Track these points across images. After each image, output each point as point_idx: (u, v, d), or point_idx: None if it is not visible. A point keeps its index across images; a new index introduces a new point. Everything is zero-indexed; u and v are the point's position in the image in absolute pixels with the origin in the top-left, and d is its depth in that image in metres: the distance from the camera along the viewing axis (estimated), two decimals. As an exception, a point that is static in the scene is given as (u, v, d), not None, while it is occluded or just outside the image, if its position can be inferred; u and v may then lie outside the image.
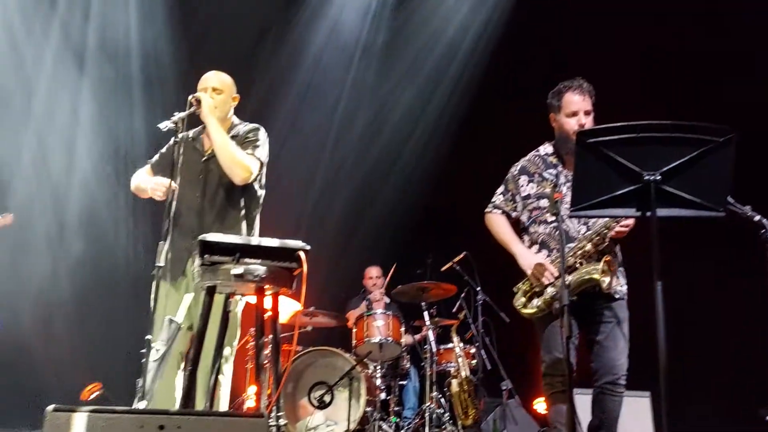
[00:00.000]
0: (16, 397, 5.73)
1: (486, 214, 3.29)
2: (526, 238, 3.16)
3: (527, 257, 3.05)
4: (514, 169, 3.23)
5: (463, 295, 5.07)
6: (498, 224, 3.22)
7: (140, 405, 2.42)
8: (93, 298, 6.04)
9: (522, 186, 3.16)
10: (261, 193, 3.26)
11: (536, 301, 2.99)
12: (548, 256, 3.02)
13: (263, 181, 3.26)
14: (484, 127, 6.34)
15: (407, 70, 6.63)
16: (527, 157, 3.23)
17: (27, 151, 5.99)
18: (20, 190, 5.96)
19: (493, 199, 3.29)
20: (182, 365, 3.03)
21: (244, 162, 3.04)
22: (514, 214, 3.20)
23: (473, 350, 5.12)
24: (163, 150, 3.25)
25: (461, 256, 5.04)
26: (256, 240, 2.46)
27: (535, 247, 3.09)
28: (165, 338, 2.66)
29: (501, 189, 3.27)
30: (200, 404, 2.70)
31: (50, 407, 1.59)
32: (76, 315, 6.00)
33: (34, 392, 5.75)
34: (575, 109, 3.00)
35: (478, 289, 4.93)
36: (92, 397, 5.87)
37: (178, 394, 3.01)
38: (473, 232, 5.91)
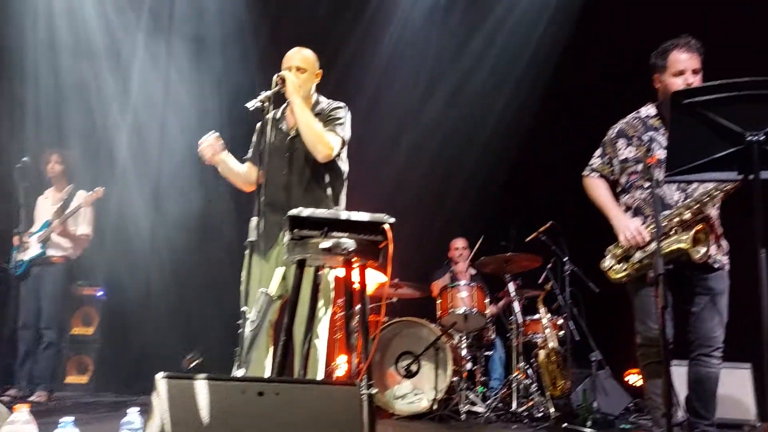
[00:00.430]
0: (122, 365, 6.16)
1: (583, 177, 3.23)
2: (622, 202, 3.09)
3: (621, 220, 2.99)
4: (612, 132, 3.14)
5: (549, 265, 4.98)
6: (595, 188, 3.16)
7: (238, 372, 2.53)
8: (190, 272, 6.36)
9: (620, 149, 3.08)
10: (345, 170, 3.32)
11: (623, 265, 2.96)
12: (643, 222, 2.94)
13: (345, 157, 3.31)
14: (569, 94, 6.14)
15: (490, 35, 6.48)
16: (626, 119, 3.12)
17: (124, 124, 6.31)
18: (120, 163, 6.32)
19: (590, 162, 3.22)
20: (271, 334, 3.17)
21: (327, 139, 3.09)
22: (611, 178, 3.14)
23: (560, 321, 5.04)
24: (254, 140, 3.35)
25: (547, 225, 4.94)
26: (343, 214, 2.50)
27: (630, 213, 3.02)
28: (258, 309, 2.76)
29: (598, 152, 3.20)
30: (294, 372, 2.81)
31: (159, 374, 1.70)
32: (175, 287, 6.34)
33: (138, 360, 6.18)
34: (682, 68, 2.86)
35: (566, 259, 4.82)
36: (192, 365, 6.24)
37: (268, 361, 3.16)
38: (559, 201, 5.83)
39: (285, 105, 3.27)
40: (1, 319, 4.55)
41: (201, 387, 1.66)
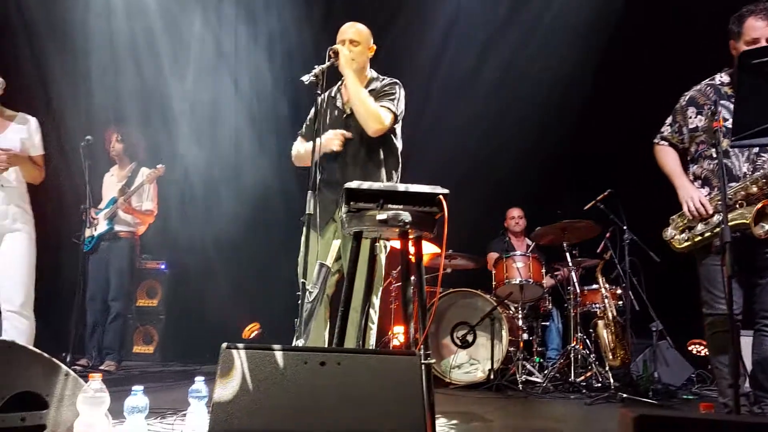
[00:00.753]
0: (186, 335, 6.39)
1: (654, 145, 3.20)
2: (691, 172, 3.05)
3: (686, 189, 2.96)
4: (683, 100, 3.08)
5: (607, 234, 4.87)
6: (664, 156, 3.13)
7: (298, 343, 2.59)
8: (250, 245, 6.52)
9: (690, 118, 3.03)
10: (399, 146, 3.32)
11: (686, 235, 2.94)
12: (709, 193, 2.90)
13: (399, 134, 3.30)
14: (627, 60, 5.92)
15: (545, 2, 6.29)
16: (698, 87, 3.05)
17: (183, 101, 6.45)
18: (180, 139, 6.48)
19: (661, 130, 3.17)
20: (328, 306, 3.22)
21: (378, 113, 3.09)
22: (681, 146, 3.10)
23: (620, 291, 4.94)
24: (310, 115, 3.37)
25: (605, 194, 4.82)
26: (399, 186, 2.50)
27: (698, 183, 2.98)
28: (316, 282, 2.80)
29: (669, 120, 3.15)
30: (350, 342, 2.86)
31: (224, 345, 1.75)
32: (235, 260, 6.52)
33: (200, 330, 6.39)
34: (756, 36, 2.74)
35: (625, 227, 4.71)
36: (252, 335, 6.42)
37: (326, 331, 3.22)
38: (617, 169, 5.67)
39: (340, 82, 3.28)
40: (70, 292, 4.75)
41: (265, 357, 1.71)
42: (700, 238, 2.86)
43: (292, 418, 1.65)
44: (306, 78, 2.90)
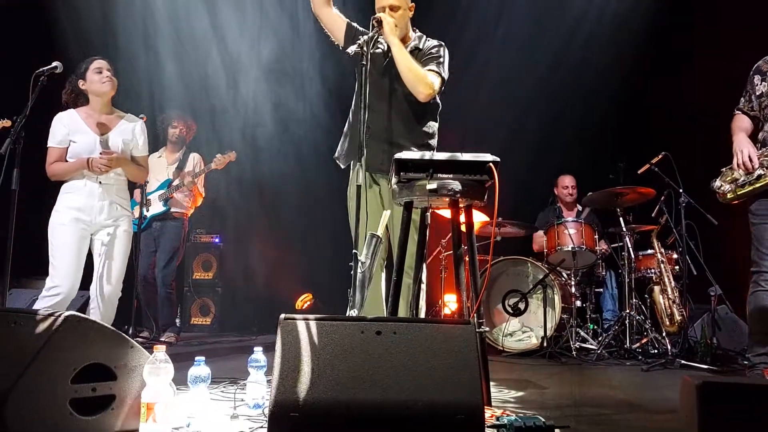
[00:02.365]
0: (241, 306, 6.56)
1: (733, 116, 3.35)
2: (759, 138, 3.15)
3: (740, 142, 3.10)
4: (753, 70, 3.24)
5: (662, 198, 4.73)
6: (734, 121, 3.28)
7: (351, 313, 2.62)
8: (301, 216, 6.60)
9: (756, 85, 3.18)
10: (440, 105, 3.31)
11: (730, 186, 3.11)
12: (763, 153, 3.03)
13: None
14: (681, 25, 5.68)
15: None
16: (765, 57, 3.21)
17: (228, 76, 6.52)
18: (228, 115, 6.58)
19: (739, 101, 3.33)
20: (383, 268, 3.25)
21: (427, 79, 3.07)
22: (752, 114, 3.23)
23: (676, 256, 4.82)
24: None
25: (660, 156, 4.67)
26: (448, 155, 2.48)
27: (758, 146, 3.09)
28: (368, 252, 2.81)
29: (744, 91, 3.30)
30: (403, 311, 2.88)
31: (282, 315, 1.78)
32: (286, 231, 6.62)
33: (255, 301, 6.55)
34: None
35: (681, 191, 4.56)
36: (305, 306, 6.54)
37: (383, 294, 3.25)
38: (672, 132, 5.48)
39: (384, 45, 3.24)
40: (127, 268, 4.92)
41: (322, 327, 1.74)
42: (741, 190, 3.04)
43: (351, 387, 1.67)
44: (351, 49, 2.89)
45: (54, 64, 3.38)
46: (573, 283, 4.94)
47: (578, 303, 4.95)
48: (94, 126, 3.48)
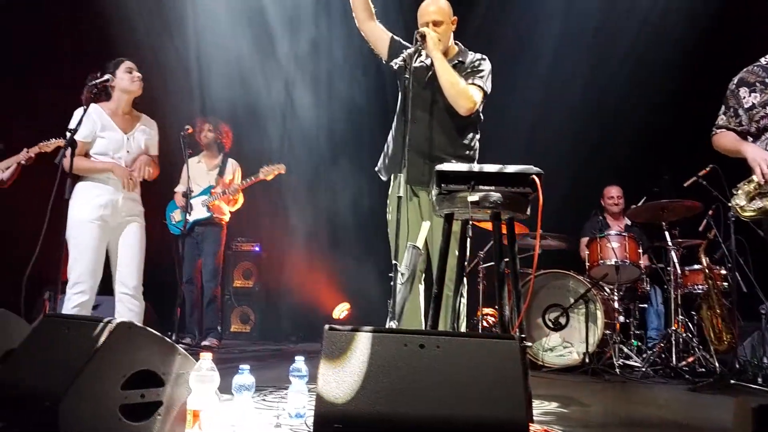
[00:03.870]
0: (281, 315, 6.61)
1: (712, 138, 3.20)
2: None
3: (755, 151, 2.90)
4: (732, 84, 3.12)
5: (710, 212, 4.61)
6: (721, 138, 3.14)
7: (391, 324, 2.62)
8: (342, 226, 6.63)
9: (744, 98, 3.05)
10: (481, 118, 3.32)
11: (758, 203, 2.93)
12: None
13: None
14: (730, 35, 5.54)
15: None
16: (745, 69, 3.09)
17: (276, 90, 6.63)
18: (270, 125, 6.68)
19: (716, 122, 3.18)
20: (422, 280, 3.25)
21: (469, 93, 3.10)
22: (740, 129, 3.09)
23: (724, 271, 4.68)
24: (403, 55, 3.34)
25: (707, 169, 4.55)
26: (490, 167, 2.46)
27: None
28: (408, 263, 2.81)
29: (722, 109, 3.17)
30: (443, 324, 2.87)
31: (327, 326, 1.79)
32: (327, 240, 6.66)
33: (294, 310, 6.59)
34: None
35: (729, 204, 4.42)
36: (342, 316, 6.56)
37: (422, 307, 3.25)
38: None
39: (428, 58, 3.25)
40: (165, 273, 5.00)
41: (366, 339, 1.74)
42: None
43: (393, 401, 1.67)
44: (395, 62, 2.92)
45: (106, 76, 3.50)
46: (616, 298, 4.84)
47: (621, 319, 4.85)
48: (120, 124, 3.61)
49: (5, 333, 2.18)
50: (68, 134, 3.25)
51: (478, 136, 3.32)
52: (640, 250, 4.87)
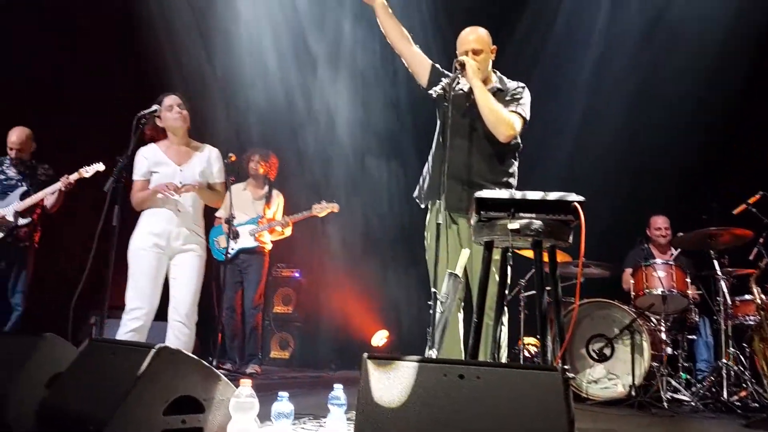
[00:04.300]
0: (320, 341, 6.61)
1: None
2: None
3: None
4: None
5: (761, 240, 4.46)
6: None
7: (431, 353, 2.59)
8: (381, 252, 6.65)
9: None
10: (521, 145, 3.31)
11: None
12: None
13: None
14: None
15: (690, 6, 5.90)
16: None
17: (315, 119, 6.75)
18: (313, 159, 6.77)
19: None
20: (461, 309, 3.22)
21: (509, 120, 3.10)
22: None
23: (778, 302, 4.50)
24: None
25: (757, 196, 4.44)
26: (531, 194, 2.44)
27: None
28: (447, 291, 2.79)
29: None
30: (483, 354, 2.82)
31: (366, 354, 1.79)
32: (366, 268, 6.67)
33: (333, 337, 6.59)
34: None
35: (782, 233, 4.29)
36: (381, 344, 6.53)
37: (461, 336, 3.21)
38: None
39: (466, 86, 3.26)
40: (205, 298, 5.08)
41: (405, 368, 1.73)
42: None
43: (432, 431, 1.65)
44: (433, 91, 2.94)
45: (153, 107, 3.61)
46: (663, 328, 4.68)
47: (669, 350, 4.69)
48: (174, 157, 3.70)
49: (53, 357, 2.23)
50: (118, 163, 3.36)
51: (517, 163, 3.31)
52: (688, 279, 4.72)
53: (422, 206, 3.38)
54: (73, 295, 3.18)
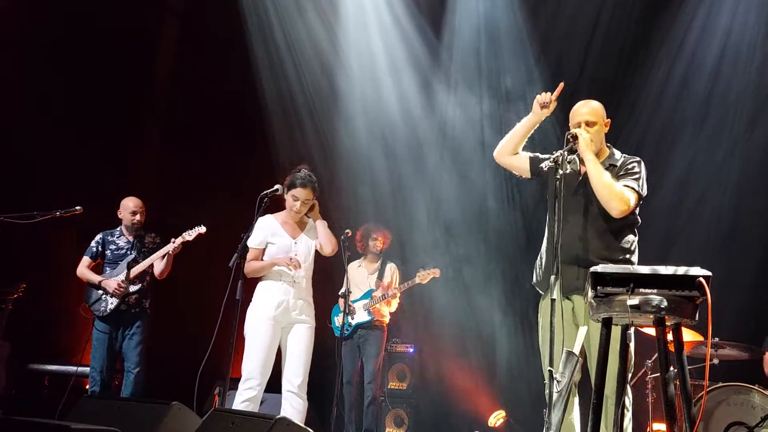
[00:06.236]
0: (434, 419, 6.48)
1: None
2: None
3: None
4: None
5: None
6: None
7: (547, 437, 2.49)
8: (495, 327, 6.51)
9: None
10: (639, 219, 3.20)
11: None
12: None
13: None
14: None
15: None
16: None
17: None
18: (426, 234, 6.87)
19: None
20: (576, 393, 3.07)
21: (623, 195, 3.03)
22: None
23: None
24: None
25: None
26: (650, 268, 2.34)
27: None
28: (564, 369, 2.70)
29: None
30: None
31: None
32: (479, 345, 6.54)
33: (448, 414, 6.44)
34: None
35: None
36: (497, 424, 6.29)
37: (577, 423, 3.04)
38: None
39: (577, 164, 3.24)
40: (320, 372, 5.16)
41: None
42: None
43: None
44: (545, 164, 2.94)
45: (276, 187, 3.86)
46: (813, 417, 4.19)
47: (820, 441, 4.18)
48: (289, 230, 3.92)
49: (179, 425, 2.37)
50: (242, 240, 3.60)
51: (636, 239, 3.17)
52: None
53: (542, 292, 3.30)
54: (192, 363, 3.36)
